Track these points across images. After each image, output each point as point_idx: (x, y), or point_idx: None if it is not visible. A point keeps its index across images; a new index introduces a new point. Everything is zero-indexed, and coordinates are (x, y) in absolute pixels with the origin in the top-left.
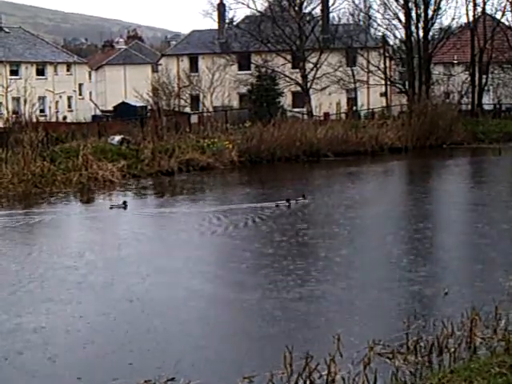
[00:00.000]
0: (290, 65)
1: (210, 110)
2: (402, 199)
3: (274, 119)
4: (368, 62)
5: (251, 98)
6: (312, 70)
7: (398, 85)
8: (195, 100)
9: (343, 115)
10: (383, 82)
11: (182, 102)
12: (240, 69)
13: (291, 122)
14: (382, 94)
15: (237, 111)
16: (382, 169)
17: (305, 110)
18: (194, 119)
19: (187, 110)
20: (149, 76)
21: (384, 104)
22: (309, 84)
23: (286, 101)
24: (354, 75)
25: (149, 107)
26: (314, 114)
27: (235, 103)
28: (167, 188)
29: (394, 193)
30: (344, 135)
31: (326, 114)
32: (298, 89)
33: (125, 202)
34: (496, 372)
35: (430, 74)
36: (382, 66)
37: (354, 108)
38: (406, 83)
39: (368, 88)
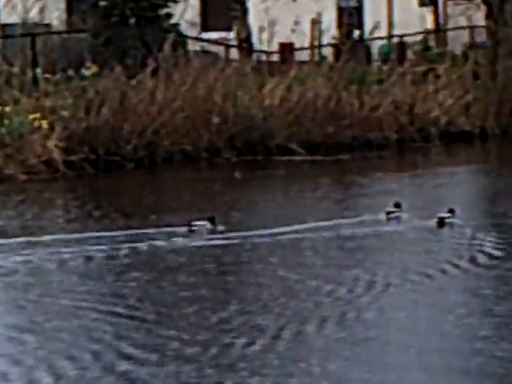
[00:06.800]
0: None
1: None
2: None
3: (153, 59)
4: None
5: (98, 8)
6: None
7: None
8: None
9: (328, 51)
10: None
11: None
12: None
13: (199, 69)
14: (422, 3)
15: (63, 38)
16: None
17: (232, 35)
18: None
19: None
20: None
21: (429, 26)
22: None
23: (187, 15)
24: None
25: None
26: (257, 46)
27: (57, 20)
28: None
29: None
30: (329, 102)
31: (288, 49)
32: None
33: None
34: None
35: None
36: None
37: (356, 34)
38: None
39: None
